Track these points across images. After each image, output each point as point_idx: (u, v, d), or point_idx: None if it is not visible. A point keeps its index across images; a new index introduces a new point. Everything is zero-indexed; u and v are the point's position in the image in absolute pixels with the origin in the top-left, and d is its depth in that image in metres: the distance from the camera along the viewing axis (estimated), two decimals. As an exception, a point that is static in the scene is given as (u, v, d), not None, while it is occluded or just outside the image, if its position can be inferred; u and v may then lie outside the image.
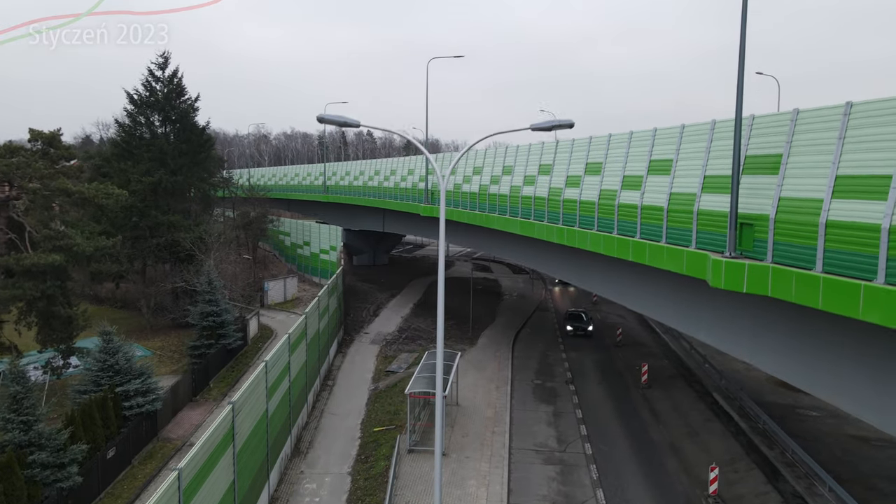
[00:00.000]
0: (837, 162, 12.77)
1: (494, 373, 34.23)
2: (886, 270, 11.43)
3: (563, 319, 45.64)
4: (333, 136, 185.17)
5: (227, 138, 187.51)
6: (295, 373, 25.32)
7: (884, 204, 11.57)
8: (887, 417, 13.11)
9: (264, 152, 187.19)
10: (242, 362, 36.78)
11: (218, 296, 35.45)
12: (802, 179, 13.63)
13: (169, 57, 45.37)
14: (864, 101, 12.54)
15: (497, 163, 32.65)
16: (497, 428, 26.72)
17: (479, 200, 34.35)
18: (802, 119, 13.94)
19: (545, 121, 10.44)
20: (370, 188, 55.51)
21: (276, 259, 71.85)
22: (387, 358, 37.71)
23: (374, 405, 29.99)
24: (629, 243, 20.04)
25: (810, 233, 13.18)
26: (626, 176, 20.85)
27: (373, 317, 48.74)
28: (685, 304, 20.13)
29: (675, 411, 29.07)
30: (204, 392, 31.78)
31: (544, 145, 27.82)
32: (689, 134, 18.03)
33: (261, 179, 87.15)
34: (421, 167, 44.30)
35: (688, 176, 17.73)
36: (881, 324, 11.40)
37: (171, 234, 43.14)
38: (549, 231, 25.97)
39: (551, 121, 10.41)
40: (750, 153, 15.40)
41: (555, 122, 10.41)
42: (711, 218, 16.44)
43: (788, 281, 13.55)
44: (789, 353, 15.97)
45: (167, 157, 44.02)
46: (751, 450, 24.68)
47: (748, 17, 14.49)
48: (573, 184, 24.46)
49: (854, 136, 12.52)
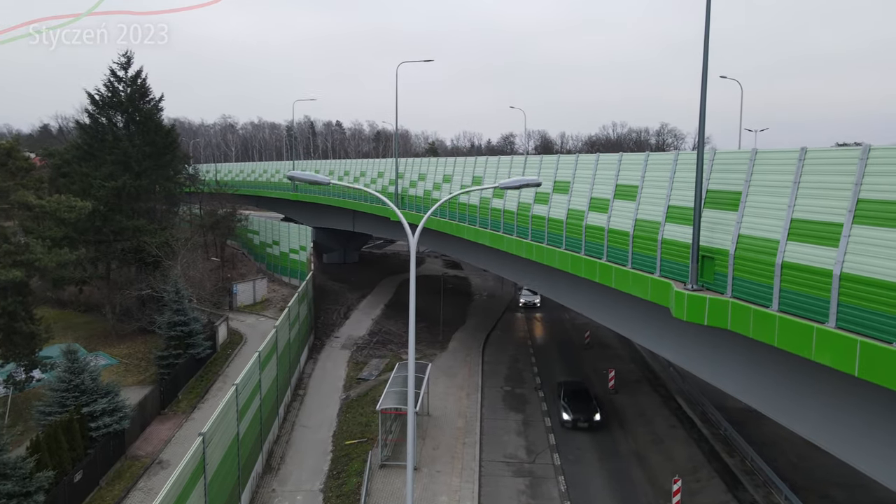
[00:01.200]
0: (793, 205, 13.27)
1: (465, 379, 34.62)
2: (837, 315, 11.97)
3: (556, 397, 31.22)
4: (302, 125, 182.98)
5: (193, 128, 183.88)
6: (266, 389, 25.29)
7: (835, 251, 12.08)
8: (842, 446, 13.73)
9: (231, 142, 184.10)
10: (212, 371, 36.50)
11: (185, 305, 35.03)
12: (760, 219, 14.12)
13: (132, 56, 44.31)
14: (818, 149, 13.05)
15: (467, 172, 32.84)
16: (468, 439, 27.12)
17: (449, 208, 34.51)
18: (761, 160, 14.42)
19: (514, 179, 10.66)
20: (339, 188, 55.22)
21: (244, 258, 71.03)
22: (358, 364, 37.81)
23: (346, 416, 30.12)
24: (596, 265, 20.47)
25: (767, 272, 13.70)
26: (593, 198, 21.23)
27: (343, 319, 48.71)
28: (650, 323, 20.67)
29: (640, 417, 29.85)
30: (173, 404, 31.49)
31: (513, 160, 28.10)
32: (653, 163, 18.46)
33: (228, 175, 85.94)
34: (391, 170, 44.25)
35: (652, 204, 18.17)
36: (832, 366, 11.96)
37: (136, 238, 42.39)
38: (518, 246, 26.30)
39: (519, 179, 10.63)
40: (711, 188, 15.87)
41: (523, 182, 10.64)
42: (675, 248, 16.90)
43: (746, 317, 14.07)
44: (749, 378, 16.58)
45: (131, 159, 43.08)
46: (712, 457, 25.53)
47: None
48: (541, 201, 24.79)
49: (808, 181, 13.02)
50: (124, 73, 44.28)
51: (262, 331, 44.44)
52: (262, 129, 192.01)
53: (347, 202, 53.16)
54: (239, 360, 38.19)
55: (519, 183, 10.63)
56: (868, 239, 11.51)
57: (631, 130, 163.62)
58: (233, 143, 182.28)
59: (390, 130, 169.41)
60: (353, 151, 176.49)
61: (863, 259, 11.54)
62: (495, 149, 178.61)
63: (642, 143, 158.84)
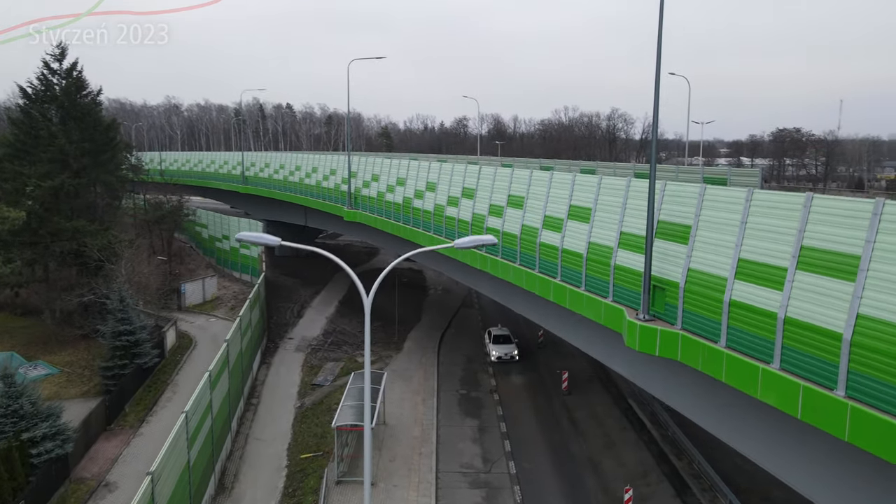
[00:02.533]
0: (740, 245, 13.59)
1: (421, 383, 34.67)
2: (782, 357, 12.38)
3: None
4: (251, 108, 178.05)
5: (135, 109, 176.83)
6: (217, 407, 24.75)
7: (780, 294, 12.44)
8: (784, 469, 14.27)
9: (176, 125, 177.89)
10: (160, 379, 35.51)
11: (131, 313, 33.83)
12: (709, 255, 14.43)
13: (66, 47, 42.11)
14: (764, 192, 13.37)
15: (421, 177, 32.56)
16: (424, 448, 27.22)
17: (403, 212, 34.23)
18: (710, 196, 14.69)
19: (469, 238, 10.54)
20: (291, 183, 54.13)
21: (193, 252, 69.00)
22: (312, 368, 37.39)
23: (301, 426, 29.81)
24: (550, 284, 20.63)
25: (716, 308, 14.03)
26: (547, 216, 21.33)
27: (297, 318, 48.02)
28: (605, 340, 20.96)
29: (593, 420, 30.52)
30: (119, 418, 30.52)
31: (467, 169, 27.97)
32: (606, 187, 18.61)
33: (174, 164, 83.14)
34: (343, 167, 43.55)
35: (606, 228, 18.36)
36: (776, 406, 12.38)
37: (76, 240, 40.63)
38: (472, 257, 26.29)
39: (475, 239, 10.54)
40: (663, 218, 16.11)
41: (477, 242, 10.53)
42: (627, 274, 17.15)
43: (696, 351, 14.42)
44: (697, 398, 17.06)
45: (69, 157, 41.12)
46: (661, 460, 26.35)
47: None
48: (496, 213, 24.80)
49: (755, 223, 13.34)
50: (59, 66, 42.06)
51: (213, 333, 43.48)
52: (208, 111, 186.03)
53: (299, 198, 52.21)
54: (189, 367, 37.29)
55: (475, 243, 10.52)
56: (811, 286, 11.89)
57: (582, 115, 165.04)
58: (178, 127, 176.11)
59: (342, 113, 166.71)
60: (305, 135, 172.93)
61: (806, 305, 11.93)
62: (449, 132, 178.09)
63: (593, 127, 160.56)
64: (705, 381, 16.39)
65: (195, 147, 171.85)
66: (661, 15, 15.43)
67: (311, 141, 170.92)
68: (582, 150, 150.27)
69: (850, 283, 11.13)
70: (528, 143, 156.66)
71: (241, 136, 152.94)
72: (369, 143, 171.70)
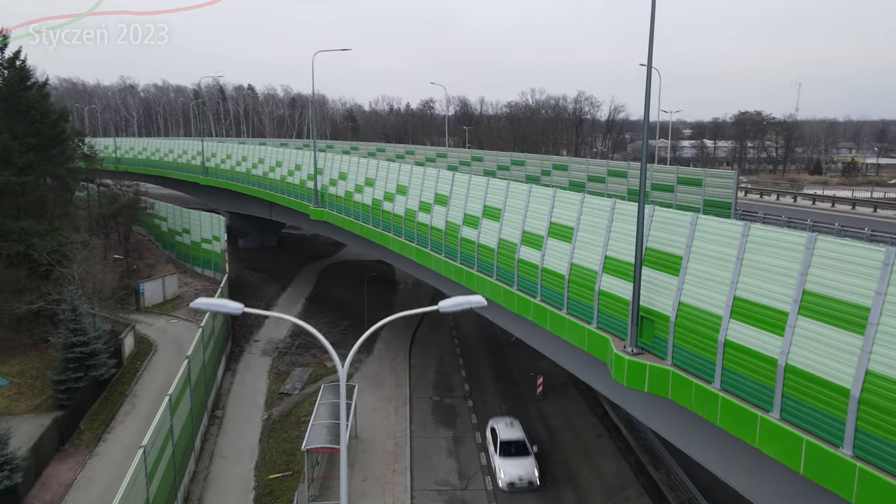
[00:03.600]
0: (736, 282, 12.84)
1: (393, 390, 33.74)
2: (782, 406, 11.72)
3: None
4: (211, 89, 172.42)
5: (87, 90, 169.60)
6: (179, 431, 23.38)
7: (781, 339, 11.75)
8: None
9: (132, 106, 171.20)
10: (118, 390, 33.78)
11: (85, 323, 31.96)
12: (702, 290, 13.67)
13: (8, 36, 39.30)
14: (762, 228, 12.60)
15: (391, 178, 31.29)
16: (398, 464, 26.36)
17: (373, 214, 32.98)
18: (702, 227, 13.90)
19: (456, 300, 9.48)
20: (254, 177, 52.13)
21: (152, 245, 66.29)
22: (279, 375, 36.11)
23: (269, 441, 28.64)
24: (530, 304, 19.78)
25: (709, 346, 13.32)
26: (526, 231, 20.39)
27: (263, 318, 46.43)
28: (589, 364, 20.24)
29: (569, 428, 30.04)
30: (74, 437, 28.85)
31: (440, 174, 26.83)
32: (589, 207, 17.73)
33: (130, 152, 79.80)
34: (309, 164, 41.89)
35: (589, 250, 17.50)
36: (776, 458, 11.75)
37: (23, 241, 38.26)
38: (447, 267, 25.29)
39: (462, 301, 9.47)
40: (651, 246, 15.31)
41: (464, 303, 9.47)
42: (613, 302, 16.36)
43: (688, 390, 13.73)
44: (682, 427, 16.44)
45: (12, 154, 38.55)
46: (640, 471, 26.00)
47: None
48: (471, 223, 23.77)
49: (752, 260, 12.59)
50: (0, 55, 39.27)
51: (175, 335, 41.74)
52: (166, 91, 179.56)
53: (263, 192, 50.33)
54: (149, 375, 35.61)
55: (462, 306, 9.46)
56: (814, 334, 11.21)
57: (549, 97, 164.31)
58: (134, 108, 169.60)
59: (306, 95, 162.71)
60: (268, 117, 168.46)
61: (809, 354, 11.26)
62: (415, 114, 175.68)
63: (560, 110, 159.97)
64: (689, 417, 15.80)
65: (152, 130, 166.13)
66: (652, 25, 14.49)
67: (275, 124, 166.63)
68: (549, 134, 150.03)
69: (858, 336, 10.47)
70: (496, 126, 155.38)
71: (200, 118, 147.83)
72: (334, 126, 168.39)
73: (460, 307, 9.50)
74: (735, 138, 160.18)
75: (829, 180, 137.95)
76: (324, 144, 78.76)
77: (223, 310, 9.67)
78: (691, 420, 15.56)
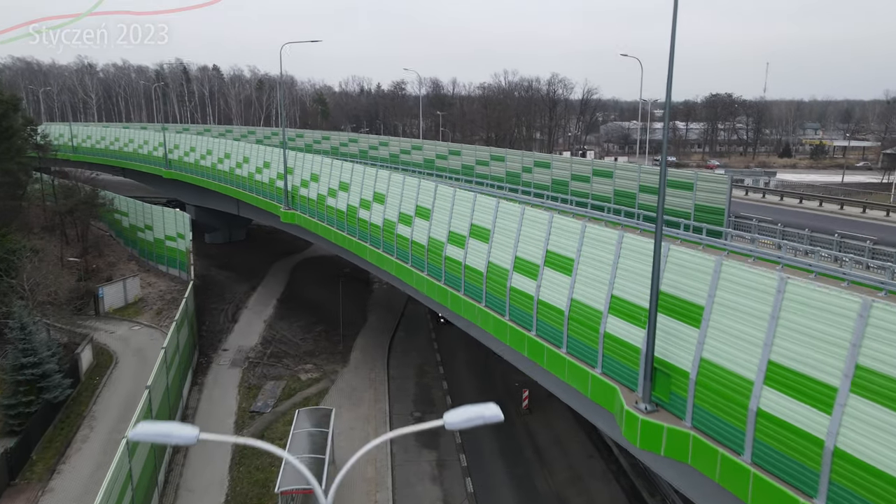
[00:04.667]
0: (770, 344, 11.32)
1: (371, 406, 32.03)
2: (829, 494, 10.29)
3: None
4: (175, 69, 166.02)
5: (42, 70, 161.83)
6: (140, 471, 21.37)
7: (828, 419, 10.28)
8: None
9: (90, 88, 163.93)
10: (75, 411, 31.42)
11: (35, 342, 29.48)
12: (728, 347, 12.15)
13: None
14: (801, 285, 11.06)
15: (367, 184, 29.26)
16: (379, 495, 24.75)
17: (348, 221, 30.95)
18: (727, 276, 12.33)
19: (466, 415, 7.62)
20: (220, 172, 49.42)
21: (113, 242, 62.95)
22: (251, 389, 34.08)
23: (239, 469, 26.74)
24: (525, 338, 18.14)
25: (738, 413, 11.84)
26: (518, 257, 18.68)
27: (231, 323, 44.17)
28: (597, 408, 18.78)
29: (557, 446, 28.75)
30: (26, 469, 26.60)
31: (421, 184, 24.88)
32: (590, 238, 16.06)
33: (88, 141, 75.68)
34: (278, 161, 39.48)
35: (592, 286, 15.87)
36: (820, 552, 10.33)
37: (-33, 248, 35.39)
38: (430, 287, 23.50)
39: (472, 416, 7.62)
40: (665, 289, 13.71)
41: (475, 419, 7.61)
42: (620, 347, 14.79)
43: (713, 459, 12.26)
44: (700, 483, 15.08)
45: (-47, 153, 35.50)
46: (634, 497, 24.84)
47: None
48: (456, 242, 21.97)
49: (790, 321, 11.07)
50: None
51: (138, 345, 39.34)
52: (126, 72, 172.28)
53: (231, 189, 47.76)
54: (108, 393, 33.28)
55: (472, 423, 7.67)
56: (869, 417, 9.76)
57: (522, 79, 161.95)
58: (93, 90, 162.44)
59: (274, 77, 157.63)
60: (234, 99, 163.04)
61: (862, 440, 9.81)
62: (386, 95, 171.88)
63: (533, 91, 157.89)
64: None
65: (113, 113, 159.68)
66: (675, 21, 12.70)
67: (242, 106, 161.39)
68: (524, 117, 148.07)
69: (925, 427, 9.03)
70: (469, 109, 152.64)
71: (163, 100, 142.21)
72: (304, 110, 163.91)
73: (471, 424, 7.77)
74: (706, 120, 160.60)
75: (798, 163, 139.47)
76: (293, 133, 75.71)
77: (168, 440, 7.79)
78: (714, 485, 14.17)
